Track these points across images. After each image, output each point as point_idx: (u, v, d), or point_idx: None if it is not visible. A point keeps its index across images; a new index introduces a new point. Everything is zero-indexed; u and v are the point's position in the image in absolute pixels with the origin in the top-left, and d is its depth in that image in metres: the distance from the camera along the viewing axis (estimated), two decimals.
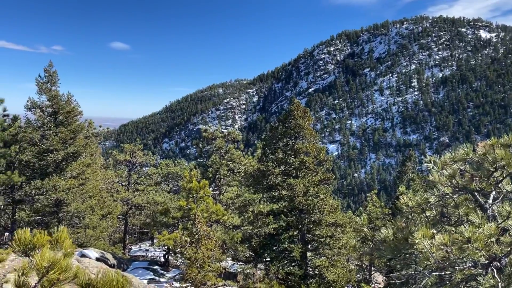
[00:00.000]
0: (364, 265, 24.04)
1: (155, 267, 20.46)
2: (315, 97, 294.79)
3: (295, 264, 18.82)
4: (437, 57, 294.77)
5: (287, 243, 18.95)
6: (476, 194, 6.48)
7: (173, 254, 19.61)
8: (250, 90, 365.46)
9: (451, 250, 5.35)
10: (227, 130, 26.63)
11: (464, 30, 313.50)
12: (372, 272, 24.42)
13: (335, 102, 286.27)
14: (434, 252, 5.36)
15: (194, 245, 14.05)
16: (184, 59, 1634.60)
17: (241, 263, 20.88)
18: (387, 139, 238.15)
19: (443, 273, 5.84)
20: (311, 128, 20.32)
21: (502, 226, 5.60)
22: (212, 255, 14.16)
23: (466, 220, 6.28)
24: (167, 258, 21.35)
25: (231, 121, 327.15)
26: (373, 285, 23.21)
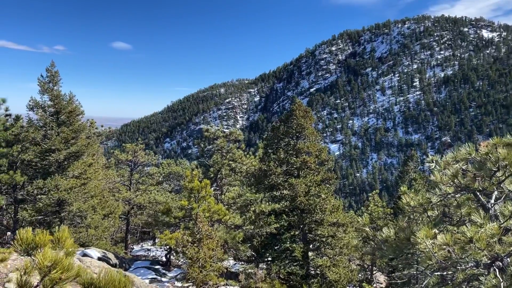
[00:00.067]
0: (365, 265, 24.03)
1: (157, 266, 20.47)
2: (316, 96, 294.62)
3: (296, 263, 18.81)
4: (439, 56, 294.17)
5: (288, 242, 18.94)
6: (478, 194, 6.47)
7: (174, 254, 19.61)
8: (251, 90, 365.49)
9: (453, 250, 5.34)
10: (228, 130, 26.61)
11: (466, 29, 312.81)
12: (374, 272, 24.40)
13: (337, 101, 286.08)
14: (436, 252, 5.35)
15: (195, 244, 14.05)
16: (185, 59, 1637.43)
17: (242, 263, 20.87)
18: (389, 139, 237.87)
19: (445, 273, 5.83)
20: (313, 127, 20.30)
21: (504, 226, 5.58)
22: (214, 254, 14.17)
23: (468, 220, 6.26)
24: (168, 257, 21.36)
25: (232, 120, 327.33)
26: (374, 285, 23.19)
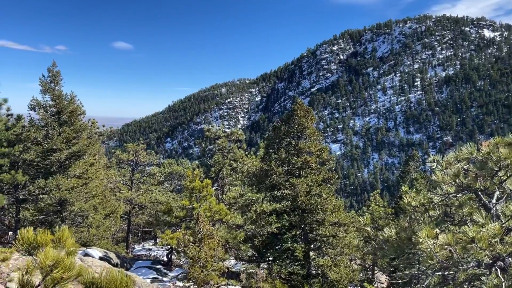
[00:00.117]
0: (367, 264, 24.03)
1: (158, 266, 20.49)
2: (318, 96, 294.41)
3: (298, 263, 18.81)
4: (440, 56, 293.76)
5: (290, 242, 18.94)
6: (480, 193, 6.46)
7: (176, 254, 19.61)
8: (253, 90, 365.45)
9: (454, 249, 5.33)
10: (230, 130, 26.59)
11: (467, 29, 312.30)
12: (375, 271, 24.40)
13: (338, 101, 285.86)
14: (437, 251, 5.35)
15: (197, 244, 14.06)
16: (186, 59, 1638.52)
17: (244, 263, 20.88)
18: (390, 139, 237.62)
19: (446, 272, 5.82)
20: (314, 127, 20.29)
21: (506, 225, 5.58)
22: (215, 254, 14.17)
23: (469, 220, 6.25)
24: (170, 257, 21.38)
25: (234, 120, 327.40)
26: (376, 284, 23.18)
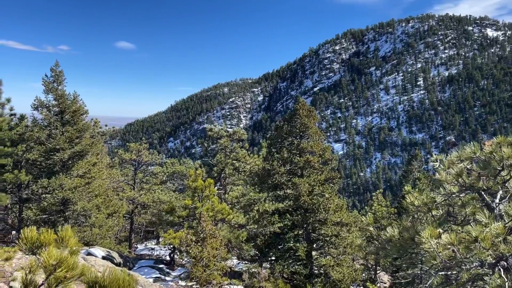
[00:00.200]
0: (369, 264, 23.99)
1: (160, 265, 20.51)
2: (320, 96, 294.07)
3: (300, 263, 18.80)
4: (443, 55, 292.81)
5: (292, 242, 18.94)
6: (483, 193, 6.44)
7: (178, 253, 19.64)
8: (255, 89, 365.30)
9: (457, 249, 5.32)
10: (232, 129, 26.61)
11: (470, 28, 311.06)
12: (378, 271, 24.36)
13: (341, 101, 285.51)
14: (440, 251, 5.33)
15: (199, 244, 14.07)
16: (187, 59, 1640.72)
17: (246, 262, 20.89)
18: (393, 138, 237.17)
19: (449, 272, 5.81)
20: (317, 127, 20.28)
21: (509, 225, 5.55)
22: (218, 254, 14.18)
23: (472, 220, 6.23)
24: (172, 257, 21.41)
25: (236, 120, 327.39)
26: (378, 284, 23.15)
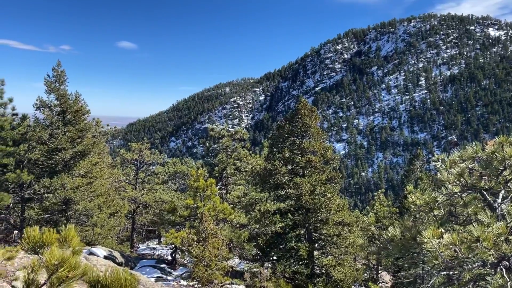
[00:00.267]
0: (371, 264, 23.99)
1: (162, 265, 20.54)
2: (322, 95, 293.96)
3: (302, 263, 18.80)
4: (445, 55, 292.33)
5: (294, 241, 18.94)
6: (485, 193, 6.42)
7: (180, 253, 19.66)
8: (256, 89, 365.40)
9: (459, 249, 5.31)
10: (233, 129, 26.59)
11: (472, 28, 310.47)
12: (380, 271, 24.35)
13: (342, 100, 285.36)
14: (442, 251, 5.33)
15: (201, 243, 14.09)
16: (187, 59, 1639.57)
17: (248, 262, 20.91)
18: (395, 138, 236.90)
19: (451, 272, 5.80)
20: (318, 127, 20.28)
21: (511, 225, 5.55)
22: (219, 253, 14.19)
23: (474, 219, 6.22)
24: (174, 256, 21.44)
25: (237, 120, 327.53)
26: (380, 284, 23.13)
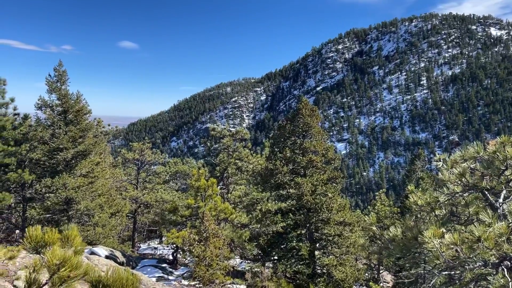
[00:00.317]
0: (372, 264, 23.98)
1: (163, 265, 20.56)
2: (323, 95, 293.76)
3: (303, 262, 18.79)
4: (446, 54, 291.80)
5: (295, 241, 18.93)
6: (486, 192, 6.42)
7: (181, 252, 19.70)
8: (258, 89, 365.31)
9: (461, 249, 5.31)
10: (235, 129, 26.62)
11: (474, 27, 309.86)
12: (381, 271, 24.34)
13: (343, 100, 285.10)
14: (443, 251, 5.32)
15: (202, 243, 14.10)
16: (187, 59, 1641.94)
17: (249, 262, 20.92)
18: (396, 138, 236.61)
19: (452, 272, 5.79)
20: (319, 126, 20.26)
21: None
22: (220, 253, 14.21)
23: (476, 219, 6.22)
24: (175, 256, 21.46)
25: (239, 119, 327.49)
26: (381, 284, 23.11)
